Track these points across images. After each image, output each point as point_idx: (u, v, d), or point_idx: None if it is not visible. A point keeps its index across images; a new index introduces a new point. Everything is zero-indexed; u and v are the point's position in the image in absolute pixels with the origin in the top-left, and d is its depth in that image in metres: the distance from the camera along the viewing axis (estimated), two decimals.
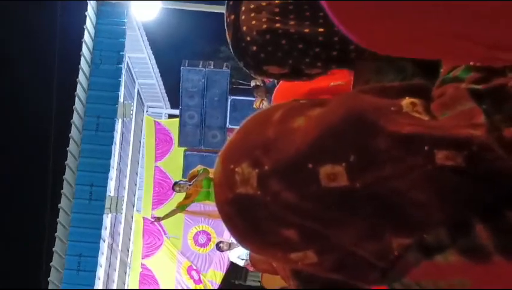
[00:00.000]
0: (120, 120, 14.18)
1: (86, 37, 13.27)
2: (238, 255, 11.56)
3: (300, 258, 1.08)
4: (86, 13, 13.35)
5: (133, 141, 15.44)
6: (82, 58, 13.24)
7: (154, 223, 14.26)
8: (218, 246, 12.21)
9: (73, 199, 13.08)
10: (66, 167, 13.00)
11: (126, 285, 14.89)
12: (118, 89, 13.67)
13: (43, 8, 20.68)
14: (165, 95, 16.87)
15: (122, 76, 13.91)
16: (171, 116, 16.71)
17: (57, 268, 12.79)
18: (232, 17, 1.97)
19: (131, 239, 15.28)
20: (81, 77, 13.24)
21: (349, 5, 0.90)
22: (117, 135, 14.09)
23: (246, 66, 2.01)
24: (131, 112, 14.45)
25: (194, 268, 14.79)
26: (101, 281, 13.45)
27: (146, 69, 15.68)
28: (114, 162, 14.00)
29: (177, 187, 10.62)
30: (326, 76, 2.06)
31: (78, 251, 12.80)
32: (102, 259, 13.54)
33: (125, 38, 13.71)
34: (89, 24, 13.38)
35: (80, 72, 13.21)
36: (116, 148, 14.08)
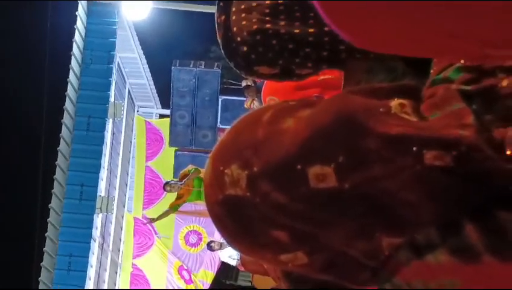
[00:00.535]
0: (111, 120, 14.15)
1: (76, 37, 13.24)
2: (230, 254, 11.55)
3: (291, 259, 1.08)
4: (76, 13, 13.32)
5: (124, 140, 15.41)
6: (73, 58, 13.20)
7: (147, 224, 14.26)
8: (209, 246, 12.20)
9: (64, 199, 13.05)
10: (56, 167, 12.96)
11: (117, 285, 14.85)
12: (108, 89, 13.64)
13: (34, 8, 20.64)
14: (156, 95, 16.85)
15: (113, 76, 13.88)
16: (162, 116, 16.69)
17: (48, 268, 12.75)
18: (223, 17, 1.96)
19: (122, 239, 15.25)
20: (72, 77, 13.20)
21: (342, 4, 0.90)
22: (108, 135, 14.06)
23: (236, 67, 2.01)
24: (122, 111, 14.41)
25: (185, 268, 14.78)
26: (92, 281, 13.43)
27: (137, 69, 15.66)
28: (105, 162, 13.96)
29: (168, 187, 10.62)
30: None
31: (68, 251, 12.77)
32: (93, 259, 13.51)
33: (116, 38, 13.69)
34: (79, 24, 13.35)
35: (71, 71, 13.17)
36: (106, 148, 14.05)
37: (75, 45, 13.24)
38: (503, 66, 1.00)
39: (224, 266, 10.66)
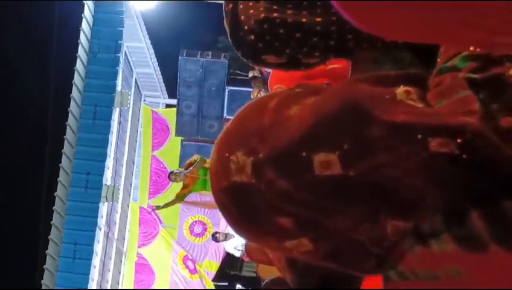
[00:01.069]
0: (117, 109, 14.15)
1: (84, 26, 13.23)
2: (235, 245, 11.56)
3: (295, 246, 1.08)
4: (84, 1, 13.32)
5: (130, 130, 15.41)
6: (80, 46, 13.19)
7: (152, 212, 14.28)
8: (214, 237, 12.21)
9: (70, 187, 13.06)
10: (62, 155, 12.98)
11: (122, 274, 14.89)
12: (115, 78, 13.63)
13: None
14: (163, 84, 16.83)
15: (120, 65, 13.87)
16: (168, 105, 16.67)
17: (53, 256, 12.78)
18: (230, 6, 1.96)
19: (127, 228, 15.28)
20: (79, 66, 13.20)
21: None
22: (114, 124, 14.05)
23: (243, 55, 2.01)
24: (129, 101, 14.41)
25: (190, 258, 14.80)
26: (97, 270, 13.46)
27: (144, 59, 15.64)
28: (111, 151, 13.96)
29: (172, 176, 10.61)
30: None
31: (73, 239, 12.79)
32: (98, 247, 13.54)
33: (123, 28, 13.67)
34: (87, 12, 13.33)
35: (78, 60, 13.16)
36: (113, 137, 14.04)
37: (82, 34, 13.23)
38: (510, 55, 1.00)
39: (228, 257, 10.67)
